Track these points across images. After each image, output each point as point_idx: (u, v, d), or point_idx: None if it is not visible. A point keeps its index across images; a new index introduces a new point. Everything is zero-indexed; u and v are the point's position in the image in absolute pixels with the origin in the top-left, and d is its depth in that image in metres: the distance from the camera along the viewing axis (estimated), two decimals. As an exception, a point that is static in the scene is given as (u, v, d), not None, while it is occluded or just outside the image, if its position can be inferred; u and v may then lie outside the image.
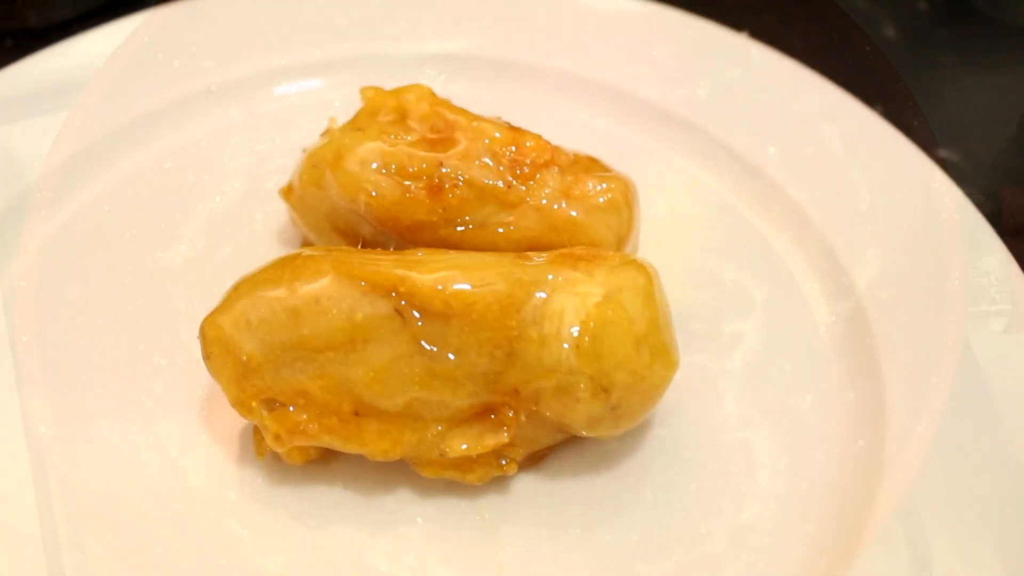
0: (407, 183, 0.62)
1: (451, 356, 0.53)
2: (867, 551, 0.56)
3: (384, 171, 0.62)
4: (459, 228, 0.62)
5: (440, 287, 0.53)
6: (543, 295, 0.53)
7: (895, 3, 1.13)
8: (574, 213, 0.62)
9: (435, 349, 0.53)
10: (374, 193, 0.62)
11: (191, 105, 0.81)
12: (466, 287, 0.53)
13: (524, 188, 0.62)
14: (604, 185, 0.63)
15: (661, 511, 0.58)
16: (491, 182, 0.62)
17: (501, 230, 0.62)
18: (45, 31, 0.98)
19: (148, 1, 0.99)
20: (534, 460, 0.59)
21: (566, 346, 0.53)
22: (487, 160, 0.63)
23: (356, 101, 0.68)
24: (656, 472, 0.60)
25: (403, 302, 0.53)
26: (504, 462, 0.56)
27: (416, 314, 0.53)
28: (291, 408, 0.54)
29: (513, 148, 0.63)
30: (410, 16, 0.89)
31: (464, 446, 0.54)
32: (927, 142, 0.85)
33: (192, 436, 0.60)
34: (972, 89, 1.04)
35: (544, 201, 0.62)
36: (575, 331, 0.53)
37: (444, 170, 0.62)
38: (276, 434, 0.54)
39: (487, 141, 0.63)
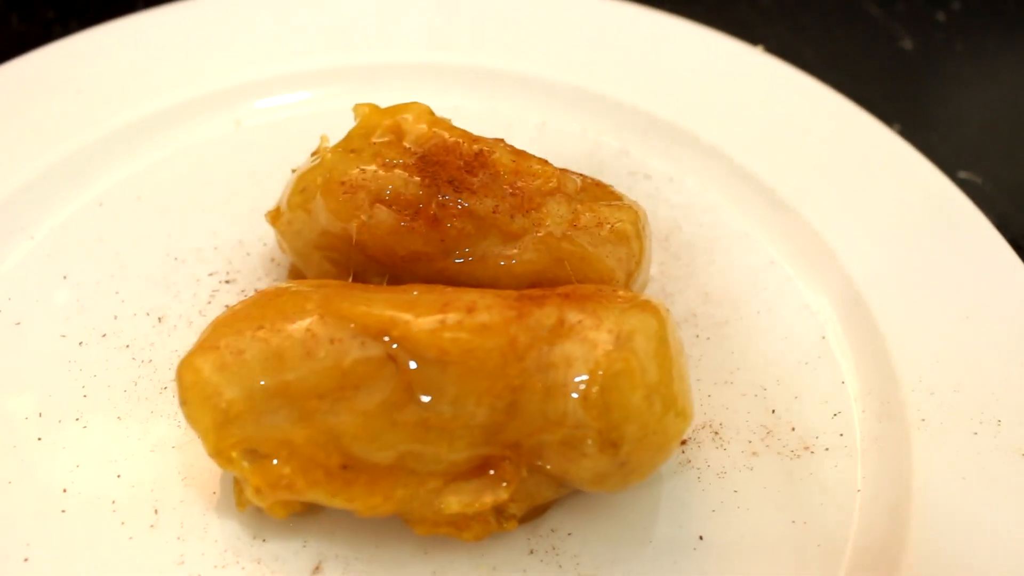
0: (403, 211, 0.58)
1: (447, 406, 0.49)
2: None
3: (378, 198, 0.58)
4: (458, 260, 0.58)
5: (436, 331, 0.49)
6: (549, 341, 0.49)
7: (912, 14, 1.09)
8: (581, 245, 0.58)
9: (430, 399, 0.49)
10: (367, 221, 0.58)
11: (176, 117, 0.77)
12: (464, 331, 0.49)
13: (528, 218, 0.58)
14: (613, 214, 0.59)
15: (666, 567, 0.54)
16: (493, 212, 0.57)
17: (503, 263, 0.58)
18: (26, 33, 0.94)
19: (133, 5, 0.95)
20: (535, 514, 0.55)
21: (574, 396, 0.49)
22: (489, 187, 0.58)
23: (350, 116, 0.63)
24: (663, 525, 0.56)
25: (395, 346, 0.49)
26: (503, 519, 0.52)
27: (410, 360, 0.49)
28: (274, 460, 0.50)
29: (517, 175, 0.59)
30: (410, 26, 0.85)
31: (461, 503, 0.50)
32: (947, 161, 0.81)
33: (169, 481, 0.56)
34: (995, 105, 1.00)
35: (550, 232, 0.58)
36: (583, 381, 0.48)
37: (443, 197, 0.58)
38: (257, 487, 0.50)
39: (489, 166, 0.59)
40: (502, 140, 0.61)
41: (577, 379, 0.48)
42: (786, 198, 0.74)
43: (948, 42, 1.06)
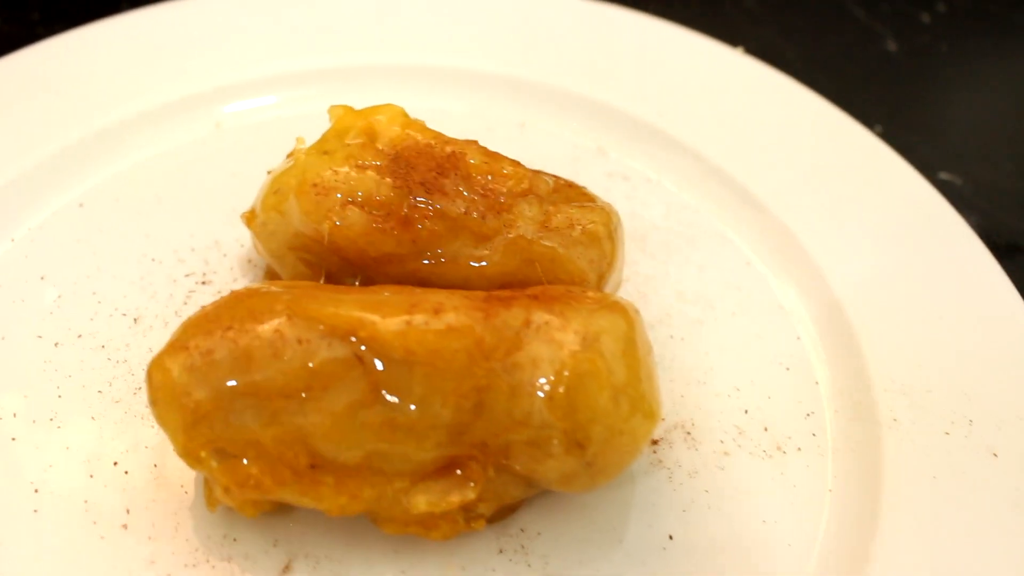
0: (375, 212, 0.58)
1: (414, 406, 0.49)
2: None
3: (351, 199, 0.58)
4: (429, 261, 0.58)
5: (403, 332, 0.49)
6: (515, 342, 0.49)
7: (897, 15, 1.09)
8: (552, 246, 0.58)
9: (397, 399, 0.49)
10: (339, 223, 0.58)
11: (156, 119, 0.77)
12: (431, 332, 0.49)
13: (499, 219, 0.58)
14: (585, 216, 0.59)
15: (636, 567, 0.54)
16: (464, 213, 0.58)
17: (474, 264, 0.58)
18: (10, 34, 0.95)
19: (117, 6, 0.95)
20: (504, 514, 0.55)
21: (540, 395, 0.49)
22: (461, 189, 0.58)
23: (326, 117, 0.64)
24: (633, 525, 0.56)
25: (363, 347, 0.49)
26: (471, 518, 0.52)
27: (377, 360, 0.49)
28: (243, 460, 0.50)
29: (489, 176, 0.59)
30: (390, 28, 0.85)
31: (428, 503, 0.50)
32: (928, 163, 0.81)
33: (141, 481, 0.56)
34: (977, 107, 1.00)
35: (520, 233, 0.58)
36: (548, 382, 0.48)
37: (415, 199, 0.58)
38: (226, 487, 0.50)
39: (461, 168, 0.59)
40: (475, 142, 0.62)
41: (543, 380, 0.49)
42: (763, 199, 0.74)
43: (933, 44, 1.06)
